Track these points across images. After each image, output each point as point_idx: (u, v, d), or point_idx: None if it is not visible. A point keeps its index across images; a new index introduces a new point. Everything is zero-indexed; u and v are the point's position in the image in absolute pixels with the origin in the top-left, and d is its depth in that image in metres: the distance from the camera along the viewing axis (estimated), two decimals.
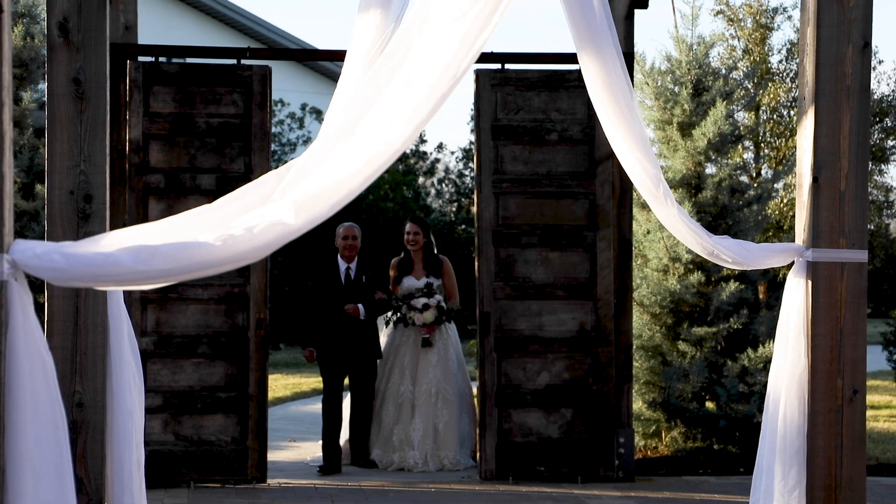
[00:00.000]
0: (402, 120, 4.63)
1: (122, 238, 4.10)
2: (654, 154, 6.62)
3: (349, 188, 4.46)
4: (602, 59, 6.41)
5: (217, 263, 4.13)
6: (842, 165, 6.66)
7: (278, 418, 14.45)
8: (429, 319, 11.27)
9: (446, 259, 11.88)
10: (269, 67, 10.56)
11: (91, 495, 6.12)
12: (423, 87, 4.69)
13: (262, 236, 4.19)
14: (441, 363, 11.31)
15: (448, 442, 11.19)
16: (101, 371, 6.09)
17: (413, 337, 11.40)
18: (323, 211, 4.38)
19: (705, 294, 12.21)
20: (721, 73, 12.90)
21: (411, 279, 11.56)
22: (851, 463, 6.70)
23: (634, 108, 6.51)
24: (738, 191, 12.60)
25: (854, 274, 6.69)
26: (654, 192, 6.60)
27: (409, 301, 11.36)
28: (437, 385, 11.26)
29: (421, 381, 11.25)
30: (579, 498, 9.89)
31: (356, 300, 11.23)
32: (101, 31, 6.12)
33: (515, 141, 10.71)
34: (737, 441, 11.74)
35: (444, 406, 11.23)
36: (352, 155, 4.52)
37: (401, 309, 11.37)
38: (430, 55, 4.75)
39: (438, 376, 11.27)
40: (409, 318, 11.29)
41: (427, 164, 27.48)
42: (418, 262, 11.66)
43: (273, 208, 4.29)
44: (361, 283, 11.34)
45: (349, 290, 11.30)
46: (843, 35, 6.67)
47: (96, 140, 6.12)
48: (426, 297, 11.36)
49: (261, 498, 9.88)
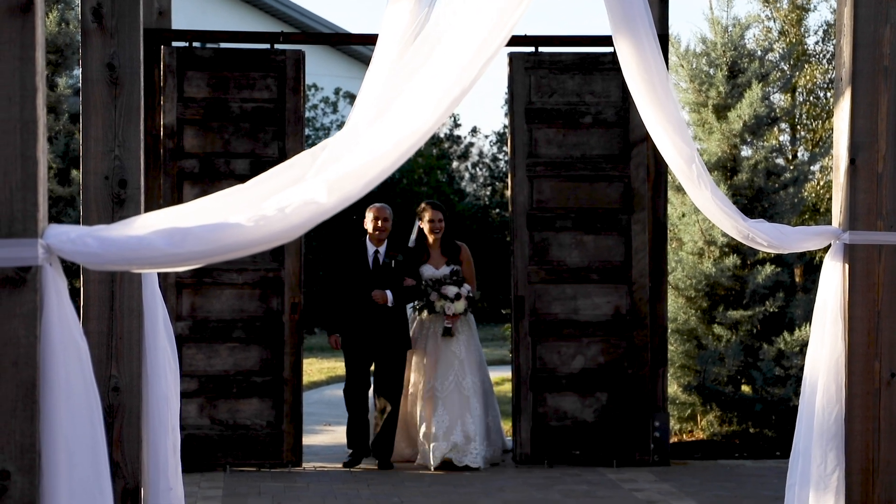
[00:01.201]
0: (434, 101, 4.61)
1: (155, 220, 4.09)
2: (689, 136, 6.59)
3: (381, 167, 4.44)
4: (637, 41, 6.38)
5: (250, 244, 4.12)
6: (879, 147, 6.60)
7: (313, 402, 14.49)
8: (459, 309, 10.63)
9: (464, 245, 11.20)
10: (303, 52, 10.56)
11: (128, 479, 6.15)
12: (455, 68, 4.67)
13: (294, 216, 4.17)
14: (466, 354, 10.70)
15: (475, 435, 10.53)
16: (136, 355, 6.11)
17: (433, 326, 10.77)
18: (356, 189, 4.35)
19: (741, 277, 12.14)
20: (757, 54, 12.81)
21: (429, 268, 10.85)
22: (889, 447, 6.65)
23: (670, 90, 6.48)
24: (774, 173, 12.52)
25: (891, 256, 6.64)
26: (687, 174, 6.57)
27: (439, 288, 10.70)
28: (464, 377, 10.63)
29: (446, 373, 10.61)
30: (614, 482, 9.87)
31: (384, 286, 10.63)
32: (135, 16, 6.13)
33: (549, 124, 10.67)
34: (773, 425, 11.68)
35: (471, 398, 10.60)
36: (384, 136, 4.50)
37: (429, 295, 10.71)
38: (462, 36, 4.72)
39: (464, 368, 10.64)
40: (440, 306, 10.64)
41: (461, 147, 27.42)
42: (436, 249, 10.93)
43: (305, 187, 4.27)
44: (390, 269, 10.70)
45: (377, 276, 10.67)
46: (881, 15, 6.60)
47: (130, 125, 6.13)
48: (456, 285, 10.71)
49: (296, 481, 9.90)
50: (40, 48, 4.03)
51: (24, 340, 3.93)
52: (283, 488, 9.61)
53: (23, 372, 3.94)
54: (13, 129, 3.98)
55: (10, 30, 3.98)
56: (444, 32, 4.79)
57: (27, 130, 3.98)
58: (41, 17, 4.04)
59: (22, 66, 3.99)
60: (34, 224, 3.95)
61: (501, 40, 4.81)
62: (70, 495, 3.93)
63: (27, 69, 3.99)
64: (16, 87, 3.98)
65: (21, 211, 3.95)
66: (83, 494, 3.96)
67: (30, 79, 3.99)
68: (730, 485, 9.87)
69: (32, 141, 3.98)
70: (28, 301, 3.94)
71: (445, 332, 10.64)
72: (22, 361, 3.94)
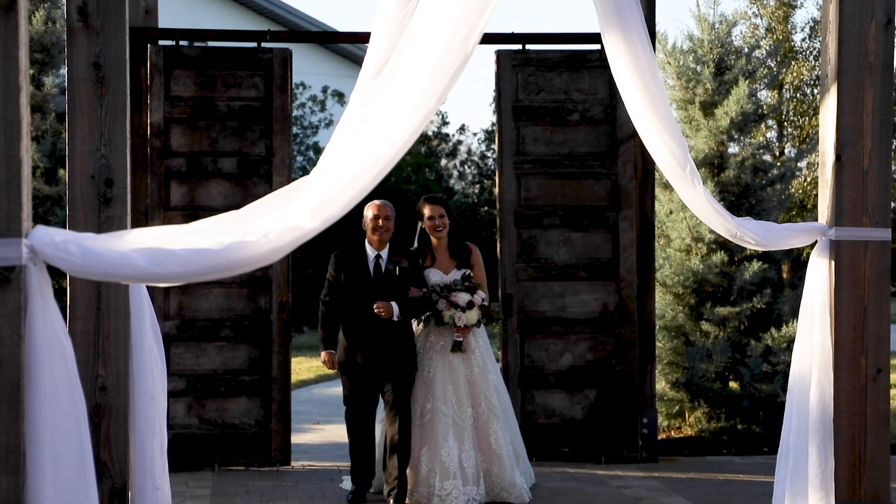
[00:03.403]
0: (408, 112, 4.61)
1: (142, 238, 4.10)
2: (681, 134, 6.59)
3: (361, 185, 4.47)
4: (628, 36, 6.38)
5: (230, 268, 4.17)
6: (865, 143, 6.62)
7: (302, 401, 14.47)
8: (472, 320, 8.99)
9: (475, 247, 9.43)
10: (290, 50, 10.53)
11: (115, 479, 6.13)
12: (424, 74, 4.67)
13: (277, 241, 4.22)
14: (481, 372, 9.08)
15: (501, 463, 9.01)
16: (123, 355, 6.10)
17: (442, 340, 9.09)
18: (337, 210, 4.40)
19: (728, 274, 12.15)
20: (743, 51, 12.82)
21: (436, 272, 9.17)
22: (875, 442, 6.67)
23: (660, 86, 6.47)
24: (762, 170, 12.53)
25: (877, 252, 6.65)
26: (680, 174, 6.57)
27: (448, 295, 9.02)
28: (481, 401, 9.06)
29: (461, 397, 8.97)
30: (603, 478, 9.87)
31: (388, 297, 8.90)
32: (121, 15, 6.12)
33: (537, 122, 10.66)
34: (761, 421, 11.70)
35: (490, 422, 9.05)
36: (361, 151, 4.52)
37: (437, 303, 9.03)
38: (429, 39, 4.72)
39: (479, 389, 9.06)
40: (450, 316, 8.94)
41: (449, 145, 27.42)
42: (442, 251, 9.27)
43: (288, 212, 4.31)
44: (394, 277, 8.98)
45: (379, 285, 8.95)
46: (866, 12, 6.62)
47: (117, 124, 6.12)
48: (468, 292, 9.05)
49: (285, 480, 9.89)
50: (24, 47, 4.01)
51: (7, 340, 3.92)
52: (271, 487, 9.60)
53: (7, 372, 3.92)
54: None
55: None
56: (413, 34, 4.79)
57: (11, 129, 3.96)
58: (24, 16, 4.02)
59: (5, 65, 3.97)
60: (18, 224, 3.94)
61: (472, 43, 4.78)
62: (55, 495, 3.93)
63: (10, 68, 3.97)
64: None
65: (5, 210, 3.94)
66: (68, 494, 3.95)
67: (13, 78, 3.97)
68: (718, 481, 9.88)
69: (16, 140, 3.97)
70: (12, 301, 3.92)
71: (455, 346, 9.02)
72: (6, 361, 3.92)
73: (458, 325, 8.97)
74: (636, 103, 6.54)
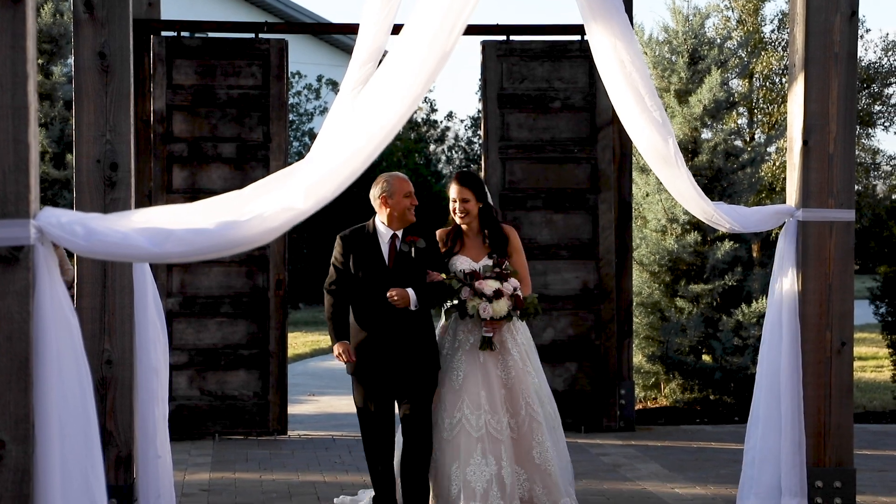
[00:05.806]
0: (397, 98, 4.59)
1: (147, 218, 4.09)
2: (666, 116, 6.56)
3: (353, 167, 4.45)
4: (609, 23, 6.35)
5: (227, 247, 4.16)
6: (830, 129, 6.62)
7: (298, 374, 14.47)
8: (500, 312, 7.15)
9: (513, 230, 7.65)
10: (286, 41, 10.49)
11: (121, 448, 6.14)
12: (415, 61, 4.65)
13: (271, 221, 4.21)
14: (520, 374, 7.26)
15: (547, 481, 7.20)
16: (128, 330, 6.10)
17: (472, 338, 7.28)
18: (330, 192, 4.37)
19: (701, 253, 12.16)
20: (716, 42, 12.80)
21: (465, 259, 7.41)
22: (840, 411, 6.69)
23: (645, 70, 6.44)
24: (733, 155, 12.53)
25: (842, 232, 6.66)
26: (665, 154, 6.53)
27: (473, 282, 7.19)
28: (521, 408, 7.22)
29: (496, 404, 7.16)
30: (583, 447, 9.89)
31: (404, 283, 7.11)
32: (125, 7, 6.10)
33: (520, 109, 10.64)
34: (732, 392, 11.72)
35: (533, 432, 7.21)
36: (353, 134, 4.50)
37: (460, 292, 7.22)
38: (417, 30, 4.70)
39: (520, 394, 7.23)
40: (473, 307, 7.13)
41: (437, 132, 27.41)
42: (473, 236, 7.50)
43: (282, 194, 4.29)
44: (410, 259, 7.17)
45: (395, 269, 7.13)
46: (832, 4, 6.61)
47: (121, 111, 6.11)
48: (498, 279, 7.23)
49: (282, 449, 9.89)
50: (31, 37, 3.99)
51: (17, 316, 3.91)
52: (269, 455, 9.60)
53: (16, 346, 3.92)
54: (5, 115, 3.95)
55: (2, 20, 3.95)
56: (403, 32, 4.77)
57: (19, 116, 3.95)
58: (32, 7, 4.00)
59: (14, 54, 3.95)
60: (26, 205, 3.93)
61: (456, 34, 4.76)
62: (63, 463, 3.92)
63: (18, 57, 3.95)
64: (7, 74, 3.95)
65: (14, 193, 3.93)
66: (75, 462, 3.95)
67: (21, 66, 3.95)
68: (691, 448, 9.90)
69: (24, 126, 3.95)
70: (21, 279, 3.91)
71: (484, 343, 7.21)
72: (15, 336, 3.92)
73: (484, 318, 7.18)
74: (618, 90, 6.50)
